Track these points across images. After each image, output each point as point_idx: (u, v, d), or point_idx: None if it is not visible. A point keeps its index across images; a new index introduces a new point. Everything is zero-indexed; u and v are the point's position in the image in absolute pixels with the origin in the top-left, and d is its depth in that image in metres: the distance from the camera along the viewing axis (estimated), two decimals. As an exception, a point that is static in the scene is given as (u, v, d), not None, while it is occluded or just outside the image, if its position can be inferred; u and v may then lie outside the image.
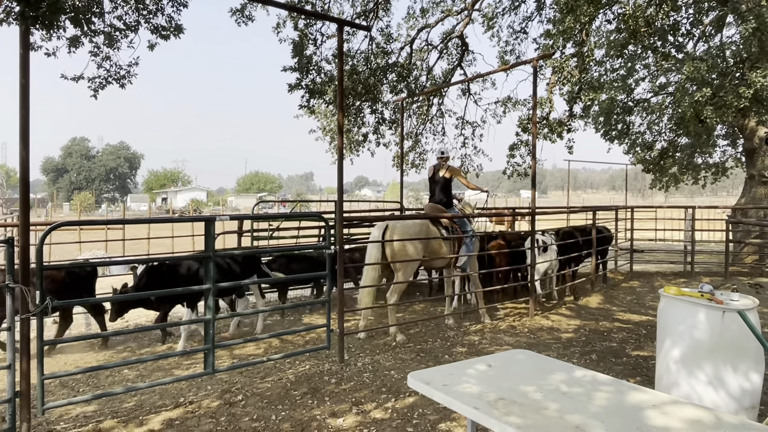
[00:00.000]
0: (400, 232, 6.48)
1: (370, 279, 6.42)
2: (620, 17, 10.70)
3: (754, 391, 3.47)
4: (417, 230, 6.60)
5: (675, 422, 2.04)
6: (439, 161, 7.47)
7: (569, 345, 5.97)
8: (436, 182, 7.41)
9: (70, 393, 4.78)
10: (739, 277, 10.08)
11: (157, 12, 6.80)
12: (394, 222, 6.67)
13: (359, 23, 11.08)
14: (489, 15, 12.88)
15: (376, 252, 6.43)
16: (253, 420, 3.98)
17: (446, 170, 7.31)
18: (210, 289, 4.52)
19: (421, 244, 6.58)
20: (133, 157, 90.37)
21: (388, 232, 6.47)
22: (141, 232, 14.45)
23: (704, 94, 9.55)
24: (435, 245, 6.79)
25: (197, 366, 5.39)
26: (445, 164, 7.39)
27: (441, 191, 7.36)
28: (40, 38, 6.62)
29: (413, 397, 4.33)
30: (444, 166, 7.37)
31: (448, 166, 7.36)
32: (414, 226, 6.64)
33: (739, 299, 3.55)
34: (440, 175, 7.33)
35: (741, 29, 9.35)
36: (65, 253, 10.25)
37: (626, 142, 14.06)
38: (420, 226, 6.68)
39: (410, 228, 6.57)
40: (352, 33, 11.55)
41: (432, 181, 7.51)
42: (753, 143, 11.75)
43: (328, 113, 12.72)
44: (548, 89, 12.67)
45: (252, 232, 8.72)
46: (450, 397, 2.32)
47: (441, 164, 7.41)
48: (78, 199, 60.90)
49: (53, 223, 4.09)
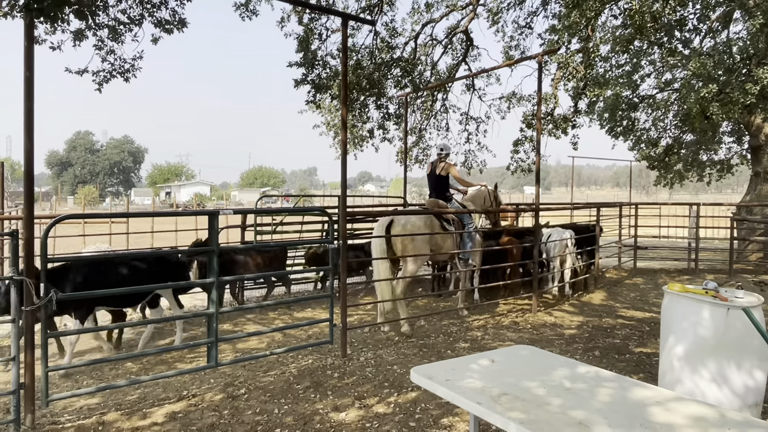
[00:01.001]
0: (405, 226, 6.53)
1: (383, 273, 6.44)
2: (626, 12, 10.62)
3: (758, 389, 3.46)
4: (421, 224, 6.65)
5: (679, 419, 2.03)
6: (439, 156, 7.55)
7: (572, 341, 5.97)
8: (434, 178, 7.50)
9: (73, 385, 4.80)
10: (744, 274, 10.04)
11: (161, 5, 6.80)
12: (398, 217, 6.70)
13: (364, 18, 11.04)
14: (494, 10, 12.80)
15: (381, 246, 6.45)
16: (256, 413, 3.99)
17: (444, 166, 7.43)
18: (213, 282, 4.53)
19: (426, 238, 6.64)
20: (137, 151, 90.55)
21: (393, 227, 6.51)
22: (145, 225, 14.48)
23: (710, 91, 9.50)
24: (439, 239, 6.88)
25: (200, 359, 5.40)
26: (444, 160, 7.47)
27: (440, 186, 7.48)
28: (44, 31, 6.63)
29: (416, 391, 4.34)
30: (443, 162, 7.45)
31: (446, 163, 7.45)
32: (418, 220, 6.69)
33: (743, 296, 3.53)
34: (438, 172, 7.45)
35: (748, 25, 9.31)
36: (69, 247, 10.26)
37: (631, 139, 14.03)
38: (424, 220, 6.75)
39: (414, 222, 6.63)
40: (357, 27, 11.53)
41: (430, 176, 7.60)
42: (759, 140, 11.70)
43: (333, 108, 12.70)
44: (553, 85, 12.60)
45: (255, 226, 8.74)
46: (453, 392, 2.32)
47: (440, 160, 7.49)
48: (82, 192, 61.12)
49: (57, 216, 4.10)
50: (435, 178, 7.50)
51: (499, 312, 7.49)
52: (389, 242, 6.50)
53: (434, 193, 7.53)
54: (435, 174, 7.49)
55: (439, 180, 7.46)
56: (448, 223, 7.07)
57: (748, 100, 9.52)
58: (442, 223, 6.98)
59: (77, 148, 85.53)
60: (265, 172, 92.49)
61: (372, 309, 7.88)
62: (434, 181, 7.52)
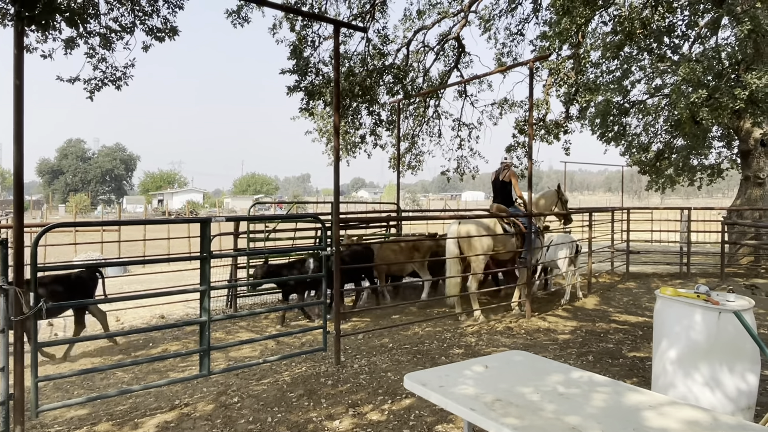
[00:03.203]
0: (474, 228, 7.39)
1: (455, 271, 7.35)
2: (616, 19, 10.73)
3: (750, 392, 3.47)
4: (486, 227, 7.47)
5: (672, 423, 2.04)
6: (502, 165, 8.11)
7: (566, 346, 5.97)
8: (498, 184, 8.13)
9: (64, 396, 4.75)
10: (735, 278, 10.11)
11: (152, 13, 6.79)
12: (466, 221, 7.56)
13: (356, 24, 11.09)
14: (485, 17, 12.90)
15: (453, 247, 7.34)
16: (249, 422, 3.96)
17: (508, 173, 8.03)
18: (206, 290, 4.50)
19: (491, 239, 7.47)
20: (129, 159, 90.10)
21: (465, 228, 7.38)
22: (137, 233, 14.40)
23: (700, 96, 9.59)
24: (501, 240, 7.62)
25: (193, 368, 5.36)
26: (507, 169, 8.05)
27: (502, 193, 8.14)
28: (35, 40, 6.60)
29: (410, 398, 4.32)
30: (506, 170, 8.03)
31: (509, 171, 8.02)
32: (483, 223, 7.54)
33: (735, 300, 3.55)
34: (501, 178, 8.06)
35: (736, 31, 9.41)
36: (61, 255, 10.19)
37: (622, 144, 14.11)
38: (489, 223, 7.55)
39: (482, 225, 7.47)
40: (349, 34, 11.56)
41: (495, 183, 8.22)
42: (748, 145, 11.80)
43: (325, 115, 12.72)
44: (545, 91, 12.69)
45: (248, 233, 8.70)
46: (446, 399, 2.31)
47: (503, 168, 8.08)
48: (74, 200, 60.68)
49: (47, 225, 4.06)
50: (499, 184, 8.11)
51: (492, 318, 7.49)
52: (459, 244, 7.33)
53: (498, 198, 8.16)
54: (499, 180, 8.08)
55: (504, 186, 8.08)
56: (509, 226, 7.73)
57: (737, 105, 9.61)
58: (504, 227, 7.68)
59: (68, 155, 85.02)
60: (259, 179, 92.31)
61: (365, 315, 7.86)
62: (499, 187, 8.14)
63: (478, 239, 7.37)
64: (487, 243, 7.44)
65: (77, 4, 6.49)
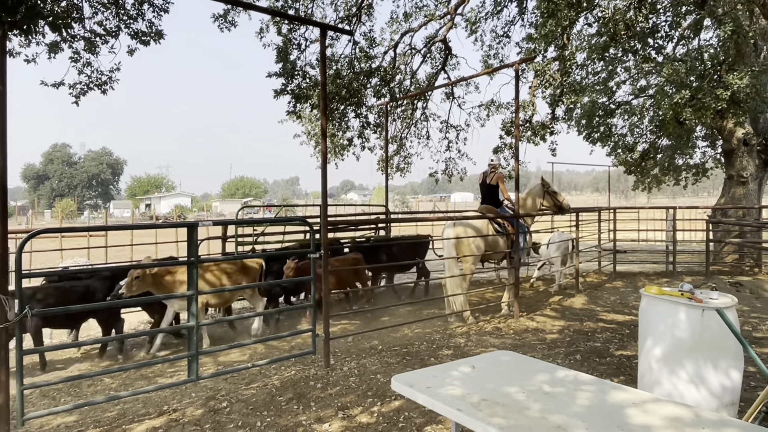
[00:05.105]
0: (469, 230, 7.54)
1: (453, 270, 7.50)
2: (601, 21, 10.84)
3: (734, 388, 3.52)
4: (479, 227, 7.61)
5: (656, 420, 2.06)
6: (490, 167, 8.24)
7: (554, 346, 6.01)
8: (486, 187, 8.30)
9: (50, 403, 4.71)
10: (720, 276, 10.23)
11: (137, 17, 6.75)
12: (460, 221, 7.63)
13: (342, 27, 11.10)
14: (472, 19, 12.97)
15: (450, 247, 7.46)
16: (238, 427, 3.95)
17: (495, 176, 8.19)
18: (194, 295, 4.49)
19: (484, 239, 7.65)
20: (115, 163, 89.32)
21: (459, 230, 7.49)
22: (124, 238, 14.29)
23: (683, 96, 9.70)
24: (492, 240, 7.80)
25: (181, 374, 5.34)
26: (494, 172, 8.19)
27: (490, 195, 8.29)
28: (18, 44, 6.53)
29: (399, 400, 4.33)
30: (493, 173, 8.17)
31: (496, 175, 8.12)
32: (477, 224, 7.65)
33: (717, 298, 3.60)
34: (489, 181, 8.22)
35: (719, 32, 9.53)
36: (47, 261, 10.08)
37: (608, 144, 14.22)
38: (482, 224, 7.68)
39: (476, 225, 7.61)
40: (336, 37, 11.58)
41: (482, 185, 8.36)
42: (731, 144, 11.96)
43: (313, 117, 12.71)
44: (531, 92, 12.79)
45: (236, 237, 8.67)
46: (433, 399, 2.32)
47: (490, 171, 8.21)
48: (60, 206, 60.00)
49: (33, 231, 4.03)
50: (486, 187, 8.27)
51: (481, 318, 7.53)
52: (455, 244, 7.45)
53: (487, 200, 8.31)
54: (486, 183, 8.25)
55: (491, 189, 8.25)
56: (499, 226, 7.90)
57: (719, 106, 9.73)
58: (495, 227, 7.84)
59: (54, 160, 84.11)
60: (247, 183, 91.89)
61: (354, 318, 7.87)
62: (486, 189, 8.30)
63: (473, 240, 7.50)
64: (481, 244, 7.58)
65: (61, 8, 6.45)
